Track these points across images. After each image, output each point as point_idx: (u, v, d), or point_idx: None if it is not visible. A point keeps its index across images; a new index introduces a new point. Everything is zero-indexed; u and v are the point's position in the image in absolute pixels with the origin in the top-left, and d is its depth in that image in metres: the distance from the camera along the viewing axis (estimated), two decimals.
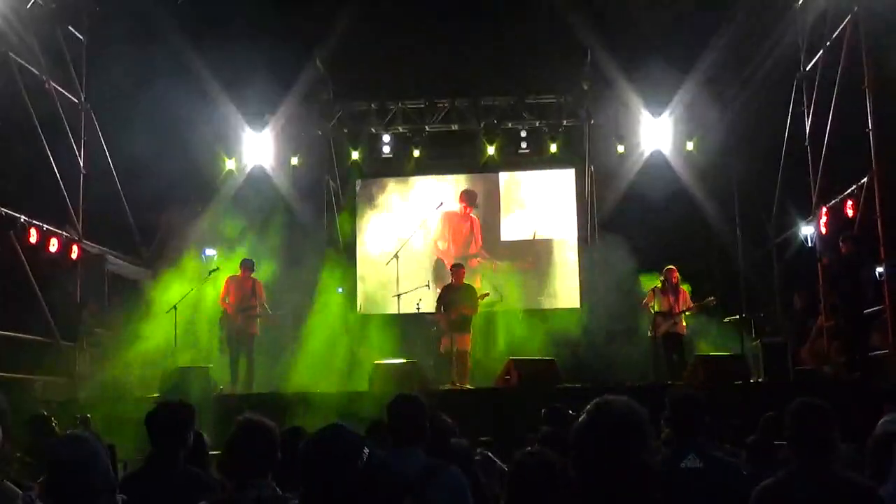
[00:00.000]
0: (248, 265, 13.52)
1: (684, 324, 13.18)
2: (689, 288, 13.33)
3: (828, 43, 12.93)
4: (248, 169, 16.95)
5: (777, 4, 14.53)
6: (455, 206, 17.21)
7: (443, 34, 15.12)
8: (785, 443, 6.49)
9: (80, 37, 14.44)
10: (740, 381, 11.63)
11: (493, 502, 5.19)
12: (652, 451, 2.49)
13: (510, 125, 16.83)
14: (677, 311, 13.00)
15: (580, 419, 2.53)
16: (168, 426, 4.70)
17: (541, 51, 15.10)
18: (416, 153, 17.01)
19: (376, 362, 12.71)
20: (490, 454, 6.64)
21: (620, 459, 2.43)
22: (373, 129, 16.97)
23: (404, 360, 12.68)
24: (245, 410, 3.95)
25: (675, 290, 13.14)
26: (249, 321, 13.25)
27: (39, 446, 5.45)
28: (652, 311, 13.18)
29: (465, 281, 13.90)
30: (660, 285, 13.17)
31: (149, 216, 15.15)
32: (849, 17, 12.06)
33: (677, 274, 13.18)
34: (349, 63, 15.64)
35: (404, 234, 16.44)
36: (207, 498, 4.03)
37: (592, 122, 16.64)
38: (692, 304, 13.10)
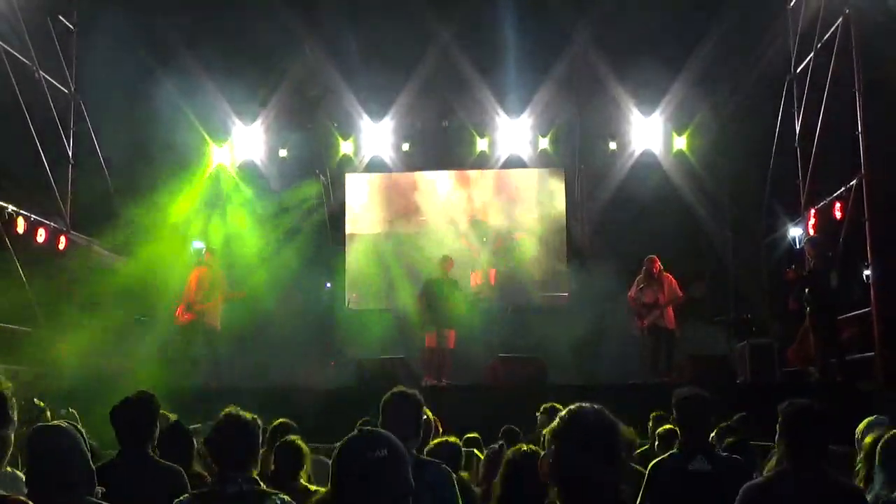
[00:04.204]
0: (210, 255, 13.60)
1: (672, 316, 13.08)
2: None
3: (819, 44, 12.95)
4: (238, 161, 16.87)
5: (768, 5, 14.56)
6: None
7: (435, 29, 15.10)
8: (759, 443, 6.51)
9: (71, 27, 14.36)
10: (726, 382, 11.63)
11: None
12: (621, 461, 2.51)
13: (501, 122, 16.76)
14: (662, 301, 12.91)
15: (554, 424, 2.55)
16: (131, 420, 4.69)
17: (532, 48, 15.06)
18: (406, 148, 16.95)
19: (362, 358, 12.67)
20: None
21: (589, 466, 2.46)
22: (363, 123, 16.90)
23: (391, 356, 12.65)
24: (227, 404, 3.92)
25: (659, 280, 13.03)
26: (211, 314, 13.27)
27: None
28: (637, 303, 13.10)
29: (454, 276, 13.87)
30: (642, 275, 13.10)
31: (137, 207, 15.05)
32: (840, 18, 12.07)
33: (659, 263, 13.08)
34: (340, 57, 15.58)
35: (393, 230, 16.47)
36: (177, 489, 4.01)
37: (583, 120, 16.62)
38: (680, 294, 12.98)
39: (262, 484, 3.72)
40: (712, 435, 6.99)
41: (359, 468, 2.40)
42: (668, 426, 6.27)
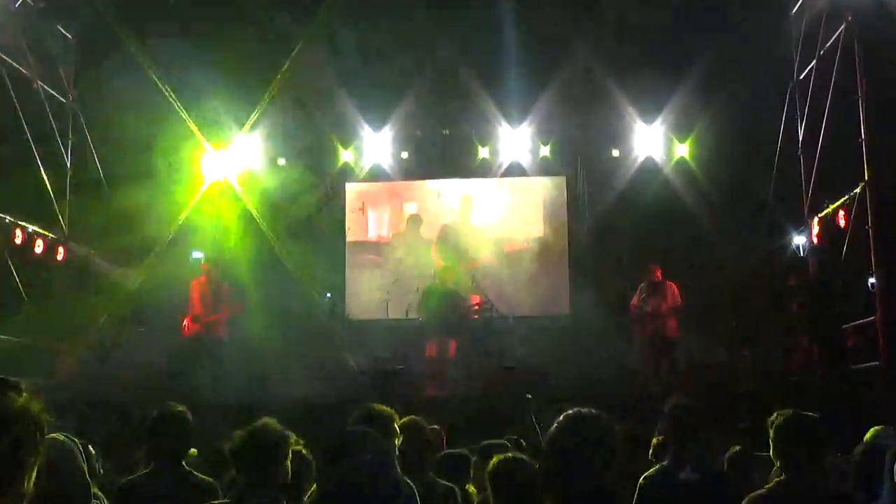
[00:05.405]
0: (209, 267, 13.61)
1: (675, 325, 13.10)
2: None
3: (821, 52, 13.00)
4: (237, 170, 16.83)
5: (771, 12, 14.59)
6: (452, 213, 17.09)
7: (436, 37, 15.14)
8: (764, 453, 6.54)
9: (69, 36, 14.42)
10: (729, 391, 11.63)
11: None
12: (618, 465, 2.55)
13: (503, 130, 16.78)
14: (665, 309, 12.93)
15: (552, 429, 2.58)
16: (168, 434, 4.71)
17: (533, 56, 15.10)
18: (406, 156, 16.97)
19: (362, 368, 12.69)
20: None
21: (586, 468, 2.48)
22: (363, 131, 16.92)
23: (391, 367, 12.67)
24: (226, 418, 3.96)
25: (661, 289, 13.06)
26: (218, 326, 13.26)
27: None
28: (639, 312, 13.14)
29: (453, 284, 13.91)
30: (644, 284, 13.15)
31: (136, 217, 15.08)
32: (843, 25, 12.12)
33: (660, 272, 13.11)
34: (341, 64, 15.62)
35: (393, 239, 16.51)
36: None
37: (584, 128, 16.63)
38: (681, 302, 13.01)
39: (281, 498, 3.73)
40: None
41: (342, 470, 2.41)
42: (660, 438, 6.29)
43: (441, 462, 5.43)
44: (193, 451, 5.38)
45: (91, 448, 5.31)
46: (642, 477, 4.89)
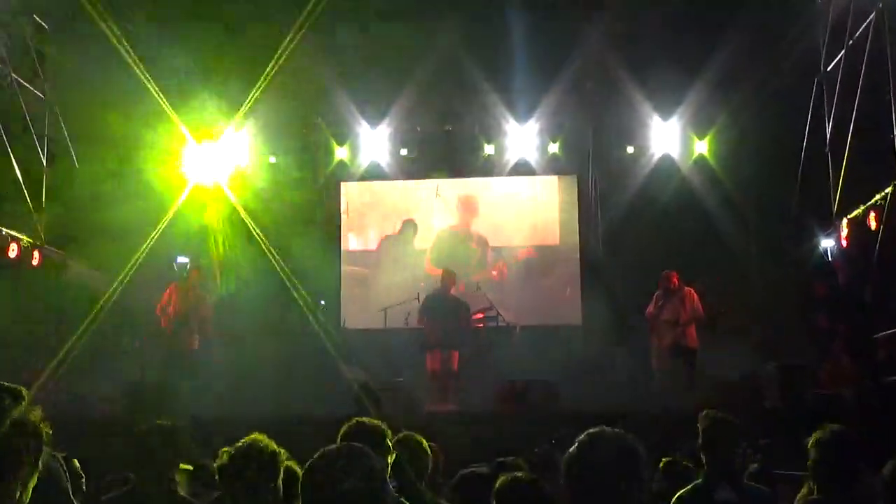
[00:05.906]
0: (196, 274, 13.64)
1: (694, 334, 13.03)
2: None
3: (850, 42, 12.93)
4: (225, 168, 16.78)
5: (796, 1, 14.53)
6: (451, 217, 17.07)
7: (438, 28, 15.10)
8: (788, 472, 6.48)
9: (47, 27, 14.37)
10: (753, 406, 11.56)
11: None
12: (643, 486, 2.52)
13: (509, 126, 16.74)
14: (683, 318, 12.87)
15: (572, 449, 2.55)
16: (157, 450, 4.69)
17: (542, 48, 15.04)
18: (405, 153, 16.92)
19: (358, 382, 12.61)
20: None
21: (609, 492, 2.45)
22: (360, 127, 16.88)
23: (390, 380, 12.62)
24: (205, 437, 3.92)
25: (679, 296, 13.00)
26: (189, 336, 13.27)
27: None
28: (656, 321, 13.09)
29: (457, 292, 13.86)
30: (661, 291, 13.10)
31: (117, 220, 15.04)
32: (873, 14, 12.06)
33: (677, 278, 13.07)
34: (336, 57, 15.58)
35: (392, 242, 16.50)
36: None
37: (596, 124, 16.60)
38: (702, 310, 12.97)
39: None
40: None
41: (330, 490, 2.36)
42: (668, 459, 6.20)
43: (460, 481, 5.35)
44: (187, 466, 5.36)
45: (75, 465, 5.28)
46: (675, 497, 4.85)
